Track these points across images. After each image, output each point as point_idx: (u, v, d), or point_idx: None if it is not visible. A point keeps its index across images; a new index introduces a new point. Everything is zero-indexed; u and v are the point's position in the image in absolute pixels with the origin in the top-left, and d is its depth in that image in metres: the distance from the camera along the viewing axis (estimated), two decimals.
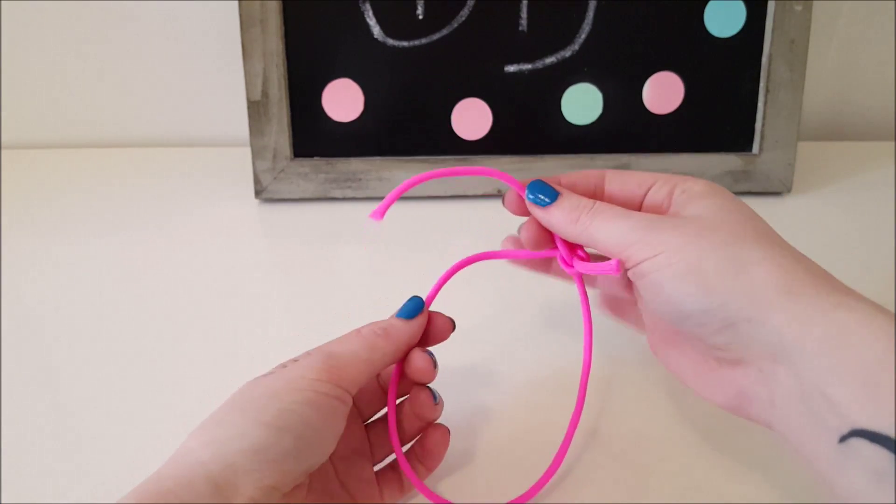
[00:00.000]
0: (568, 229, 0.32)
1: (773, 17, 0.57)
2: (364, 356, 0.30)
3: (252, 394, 0.28)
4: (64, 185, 0.62)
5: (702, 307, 0.28)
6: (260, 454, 0.26)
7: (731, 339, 0.28)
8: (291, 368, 0.29)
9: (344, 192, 0.59)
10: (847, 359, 0.24)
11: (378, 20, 0.56)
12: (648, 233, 0.30)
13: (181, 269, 0.52)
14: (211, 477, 0.25)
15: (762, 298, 0.27)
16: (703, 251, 0.28)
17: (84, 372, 0.42)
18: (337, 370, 0.29)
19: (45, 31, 0.65)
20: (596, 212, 0.32)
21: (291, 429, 0.27)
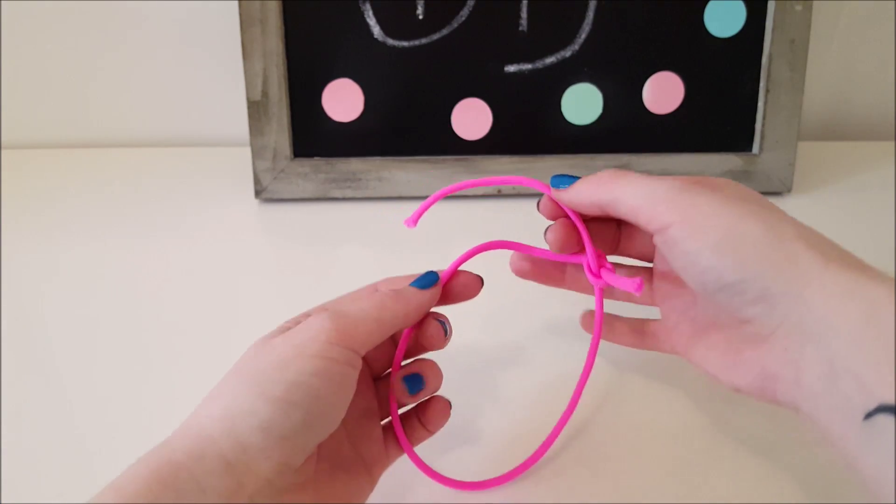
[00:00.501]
0: (591, 192, 0.31)
1: (773, 17, 0.57)
2: (374, 315, 0.29)
3: (260, 362, 0.27)
4: (64, 185, 0.62)
5: (739, 277, 0.28)
6: (270, 431, 0.26)
7: (764, 312, 0.28)
8: (301, 330, 0.28)
9: (344, 192, 0.59)
10: (879, 336, 0.24)
11: (378, 20, 0.56)
12: (678, 193, 0.29)
13: (181, 268, 0.52)
14: (222, 454, 0.25)
15: (801, 272, 0.26)
16: (741, 217, 0.28)
17: (84, 372, 0.42)
18: (347, 331, 0.28)
19: (45, 31, 0.65)
20: (618, 174, 0.31)
21: (301, 403, 0.26)
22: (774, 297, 0.27)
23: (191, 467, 0.25)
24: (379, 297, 0.30)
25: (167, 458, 0.25)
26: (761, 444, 0.37)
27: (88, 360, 0.43)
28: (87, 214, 0.58)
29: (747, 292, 0.28)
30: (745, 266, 0.27)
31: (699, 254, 0.28)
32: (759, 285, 0.27)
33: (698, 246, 0.28)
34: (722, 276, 0.28)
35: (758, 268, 0.27)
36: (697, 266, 0.29)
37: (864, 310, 0.25)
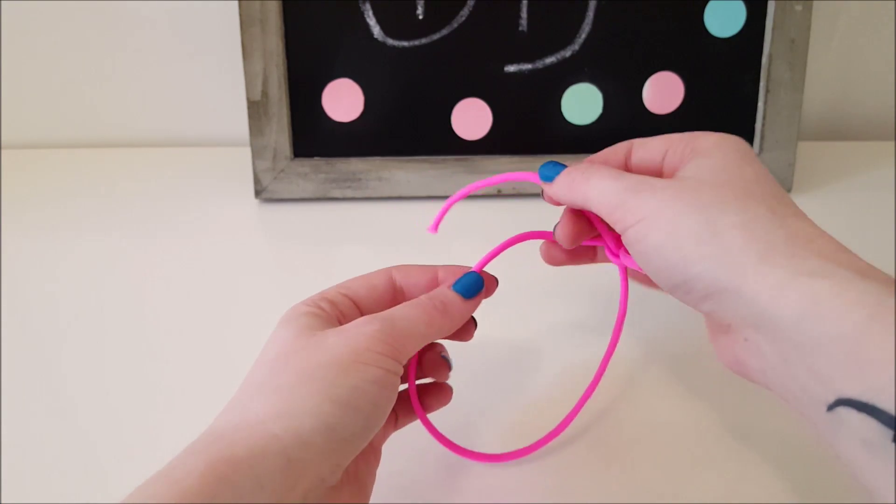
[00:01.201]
0: (567, 194, 0.31)
1: (773, 17, 0.57)
2: (422, 331, 0.30)
3: (316, 359, 0.27)
4: (64, 185, 0.62)
5: (682, 277, 0.27)
6: (334, 432, 0.26)
7: (714, 308, 0.27)
8: (353, 334, 0.28)
9: (344, 192, 0.59)
10: (824, 329, 0.24)
11: (378, 20, 0.56)
12: (631, 196, 0.29)
13: (181, 268, 0.52)
14: (285, 452, 0.25)
15: (735, 267, 0.26)
16: (678, 216, 0.27)
17: (84, 372, 0.42)
18: (399, 344, 0.28)
19: (45, 31, 0.65)
20: (589, 173, 0.31)
21: (362, 408, 0.27)
22: (718, 293, 0.27)
23: (251, 464, 0.24)
24: (429, 312, 0.30)
25: (226, 454, 0.25)
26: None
27: (89, 359, 0.43)
28: (87, 214, 0.58)
29: (693, 291, 0.28)
30: (687, 265, 0.27)
31: (647, 256, 0.28)
32: (700, 284, 0.27)
33: (645, 248, 0.28)
34: (670, 277, 0.28)
35: (698, 267, 0.27)
36: (650, 268, 0.29)
37: (806, 303, 0.24)
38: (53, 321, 0.46)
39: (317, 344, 0.28)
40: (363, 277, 0.33)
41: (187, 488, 0.23)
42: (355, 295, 0.32)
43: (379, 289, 0.33)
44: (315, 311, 0.30)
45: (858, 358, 0.23)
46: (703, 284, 0.27)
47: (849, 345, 0.23)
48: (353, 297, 0.32)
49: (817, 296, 0.24)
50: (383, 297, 0.33)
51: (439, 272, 0.33)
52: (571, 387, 0.40)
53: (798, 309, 0.24)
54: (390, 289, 0.33)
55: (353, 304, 0.32)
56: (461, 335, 0.34)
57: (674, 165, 0.32)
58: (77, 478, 0.36)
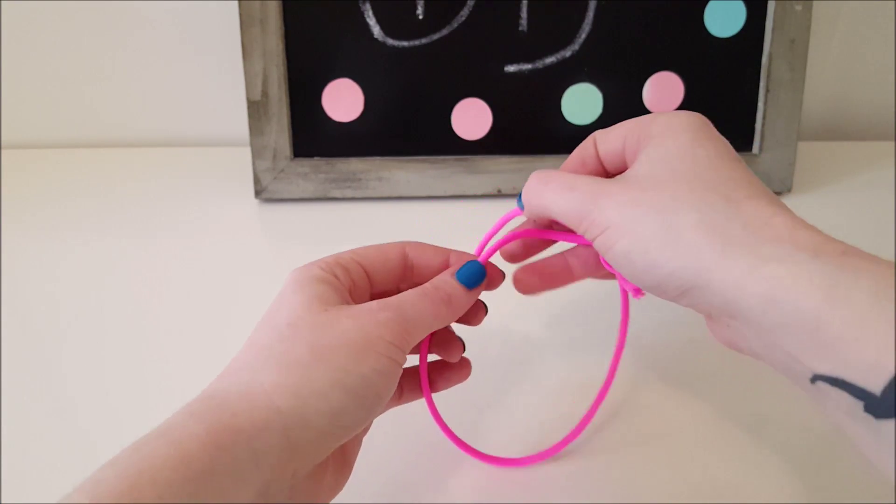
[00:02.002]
0: (532, 208, 0.32)
1: (773, 17, 0.57)
2: (428, 322, 0.30)
3: (329, 340, 0.27)
4: (64, 185, 0.62)
5: (654, 279, 0.28)
6: (337, 419, 0.26)
7: (692, 302, 0.28)
8: (368, 319, 0.28)
9: (344, 192, 0.59)
10: (787, 315, 0.24)
11: (378, 20, 0.56)
12: (591, 207, 0.29)
13: (181, 268, 0.52)
14: (287, 429, 0.25)
15: (699, 265, 0.26)
16: (638, 223, 0.28)
17: (84, 372, 0.42)
18: (407, 334, 0.29)
19: (45, 31, 0.65)
20: (544, 182, 0.31)
21: (368, 398, 0.27)
22: (690, 290, 0.27)
23: (251, 436, 0.25)
24: (436, 303, 0.30)
25: (228, 423, 0.25)
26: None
27: (89, 359, 0.43)
28: (87, 214, 0.58)
29: (668, 290, 0.28)
30: (656, 268, 0.27)
31: (618, 262, 0.29)
32: (673, 284, 0.27)
33: (614, 256, 0.29)
34: (643, 280, 0.29)
35: (666, 269, 0.27)
36: (624, 272, 0.29)
37: (765, 290, 0.25)
38: (53, 321, 0.46)
39: (330, 323, 0.28)
40: (377, 247, 0.33)
41: (186, 452, 0.23)
42: (369, 265, 0.32)
43: (392, 262, 0.33)
44: (329, 278, 0.30)
45: (821, 338, 0.23)
46: (675, 284, 0.27)
47: (811, 327, 0.24)
48: (366, 267, 0.32)
49: (776, 283, 0.25)
50: (394, 270, 0.33)
51: (451, 256, 0.33)
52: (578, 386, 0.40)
53: (761, 299, 0.25)
54: (402, 264, 0.33)
55: (365, 273, 0.32)
56: (470, 319, 0.34)
57: (633, 153, 0.32)
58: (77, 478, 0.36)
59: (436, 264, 0.33)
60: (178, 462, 0.23)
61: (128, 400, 0.40)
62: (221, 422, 0.25)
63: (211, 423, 0.24)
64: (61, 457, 0.37)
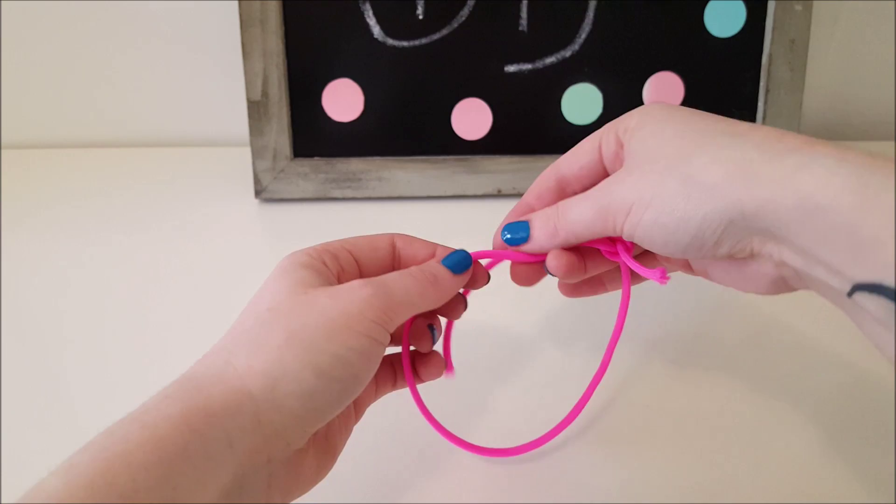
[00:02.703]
0: (554, 241, 0.32)
1: (773, 17, 0.57)
2: (414, 300, 0.29)
3: (306, 320, 0.27)
4: (64, 185, 0.62)
5: (689, 235, 0.28)
6: (310, 400, 0.26)
7: (733, 245, 0.28)
8: (346, 297, 0.28)
9: (344, 192, 0.59)
10: (821, 223, 0.25)
11: (378, 20, 0.56)
12: (608, 198, 0.30)
13: (181, 268, 0.52)
14: (258, 412, 0.25)
15: (728, 199, 0.27)
16: (656, 187, 0.28)
17: (84, 371, 0.42)
18: (391, 311, 0.28)
19: (45, 31, 0.65)
20: (561, 211, 0.32)
21: (341, 378, 0.27)
22: (728, 228, 0.28)
23: (224, 420, 0.25)
24: (421, 282, 0.30)
25: (202, 405, 0.25)
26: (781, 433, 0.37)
27: (88, 359, 0.43)
28: (88, 214, 0.58)
29: (705, 241, 0.28)
30: (688, 221, 0.28)
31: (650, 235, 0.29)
32: (708, 231, 0.28)
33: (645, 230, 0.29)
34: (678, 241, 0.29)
35: (698, 217, 0.28)
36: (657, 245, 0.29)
37: (798, 204, 0.25)
38: (53, 321, 0.46)
39: (308, 303, 0.27)
40: (367, 237, 0.33)
41: (160, 434, 0.23)
42: (358, 252, 0.32)
43: (380, 251, 0.33)
44: (315, 263, 0.30)
45: (858, 242, 0.24)
46: (711, 229, 0.28)
47: (847, 231, 0.24)
48: (355, 254, 0.32)
49: (809, 191, 0.25)
50: (384, 259, 0.33)
51: (438, 250, 0.33)
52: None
53: (798, 210, 0.25)
54: (390, 253, 0.33)
55: (354, 260, 0.32)
56: (451, 312, 0.34)
57: (614, 152, 0.32)
58: None
59: (422, 256, 0.33)
60: (152, 444, 0.23)
61: (128, 400, 0.40)
62: (195, 404, 0.25)
63: (185, 405, 0.24)
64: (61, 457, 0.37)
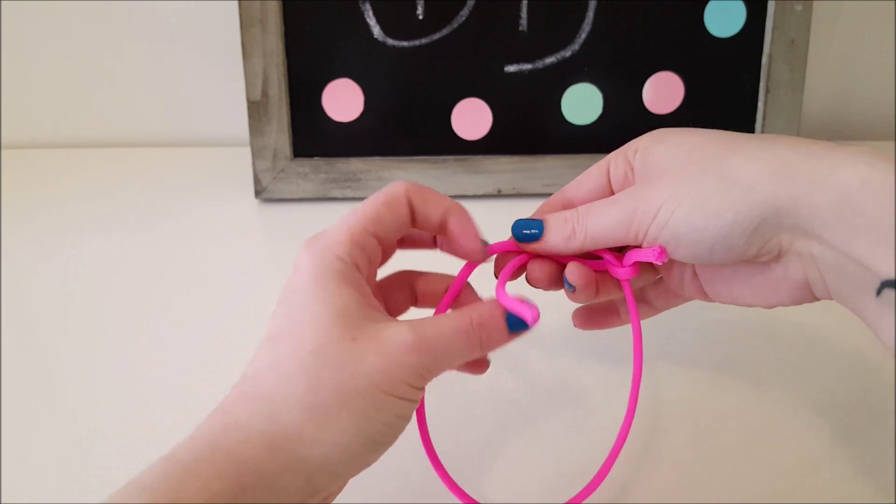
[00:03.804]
0: (570, 244, 0.32)
1: (773, 17, 0.57)
2: (455, 361, 0.28)
3: (355, 384, 0.26)
4: (64, 185, 0.62)
5: (721, 233, 0.28)
6: (356, 463, 0.27)
7: (762, 243, 0.28)
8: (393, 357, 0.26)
9: (344, 192, 0.59)
10: (858, 220, 0.25)
11: (378, 20, 0.56)
12: (637, 200, 0.30)
13: (181, 268, 0.51)
14: (306, 474, 0.26)
15: (763, 197, 0.27)
16: (692, 185, 0.29)
17: (84, 372, 0.42)
18: (430, 374, 0.27)
19: (45, 31, 0.65)
20: (583, 214, 0.32)
21: (386, 443, 0.27)
22: (761, 226, 0.28)
23: (274, 480, 0.25)
24: (471, 343, 0.28)
25: (254, 466, 0.25)
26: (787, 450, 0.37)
27: (88, 359, 0.43)
28: (87, 214, 0.58)
29: (735, 240, 0.28)
30: (720, 220, 0.28)
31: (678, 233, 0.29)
32: (739, 229, 0.28)
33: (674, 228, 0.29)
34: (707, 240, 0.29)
35: (731, 214, 0.28)
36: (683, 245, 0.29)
37: (836, 199, 0.26)
38: (53, 321, 0.46)
39: (356, 358, 0.26)
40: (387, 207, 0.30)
41: (215, 493, 0.24)
42: (382, 231, 0.30)
43: (402, 218, 0.30)
44: (352, 273, 0.28)
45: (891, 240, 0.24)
46: (742, 227, 0.28)
47: (881, 230, 0.25)
48: (379, 235, 0.30)
49: (846, 190, 0.25)
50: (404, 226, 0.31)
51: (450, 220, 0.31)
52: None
53: (835, 206, 0.26)
54: (410, 215, 0.31)
55: (378, 243, 0.30)
56: (476, 368, 0.33)
57: (623, 175, 0.33)
58: (77, 478, 0.36)
59: (435, 219, 0.31)
60: (207, 499, 0.24)
61: (128, 399, 0.40)
62: (247, 463, 0.25)
63: (237, 462, 0.25)
64: (61, 457, 0.37)
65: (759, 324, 0.45)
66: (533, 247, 0.33)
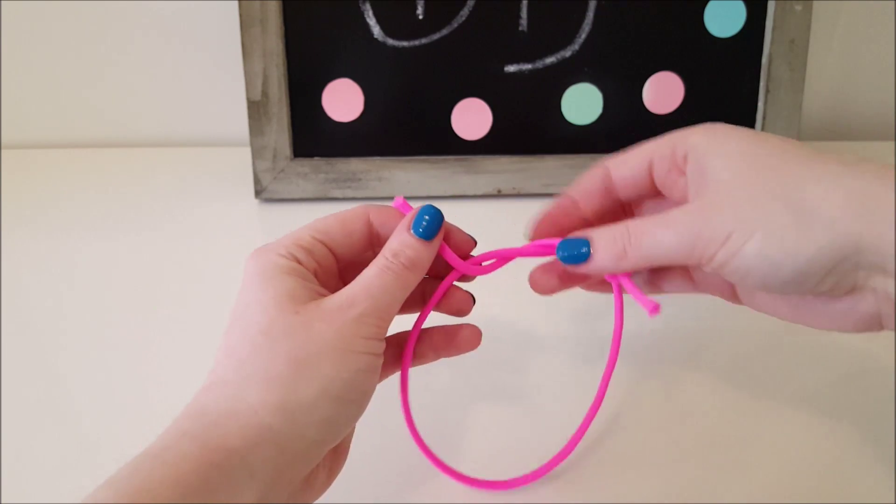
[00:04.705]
0: (621, 265, 0.30)
1: (773, 17, 0.57)
2: (399, 297, 0.29)
3: (308, 349, 0.27)
4: (64, 185, 0.62)
5: (797, 270, 0.27)
6: (329, 425, 0.27)
7: (837, 281, 0.27)
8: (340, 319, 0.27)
9: (344, 192, 0.59)
10: None
11: (378, 20, 0.56)
12: (700, 223, 0.28)
13: (181, 269, 0.51)
14: (279, 443, 0.26)
15: (847, 234, 0.26)
16: (765, 214, 0.27)
17: (84, 372, 0.42)
18: (383, 322, 0.28)
19: (45, 31, 0.65)
20: (635, 232, 0.30)
21: (354, 399, 0.28)
22: (840, 263, 0.27)
23: (244, 453, 0.25)
24: (401, 274, 0.29)
25: (221, 443, 0.25)
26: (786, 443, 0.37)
27: (89, 359, 0.43)
28: (87, 214, 0.58)
29: (809, 276, 0.27)
30: (798, 256, 0.27)
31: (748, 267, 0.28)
32: (818, 265, 0.27)
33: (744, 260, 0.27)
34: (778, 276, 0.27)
35: (810, 250, 0.26)
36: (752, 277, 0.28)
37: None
38: (53, 321, 0.46)
39: (304, 327, 0.27)
40: (339, 220, 0.31)
41: (182, 472, 0.24)
42: (331, 241, 0.31)
43: (355, 234, 0.31)
44: (293, 265, 0.29)
45: None
46: (822, 263, 0.27)
47: None
48: (329, 244, 0.31)
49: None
50: (359, 242, 0.31)
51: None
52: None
53: None
54: (367, 233, 0.31)
55: (329, 251, 0.31)
56: (460, 308, 0.33)
57: (666, 171, 0.31)
58: (77, 478, 0.36)
59: None
60: (174, 481, 0.24)
61: (128, 399, 0.40)
62: (214, 442, 0.25)
63: (203, 443, 0.25)
64: (61, 457, 0.37)
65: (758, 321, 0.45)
66: (582, 269, 0.31)
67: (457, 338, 0.33)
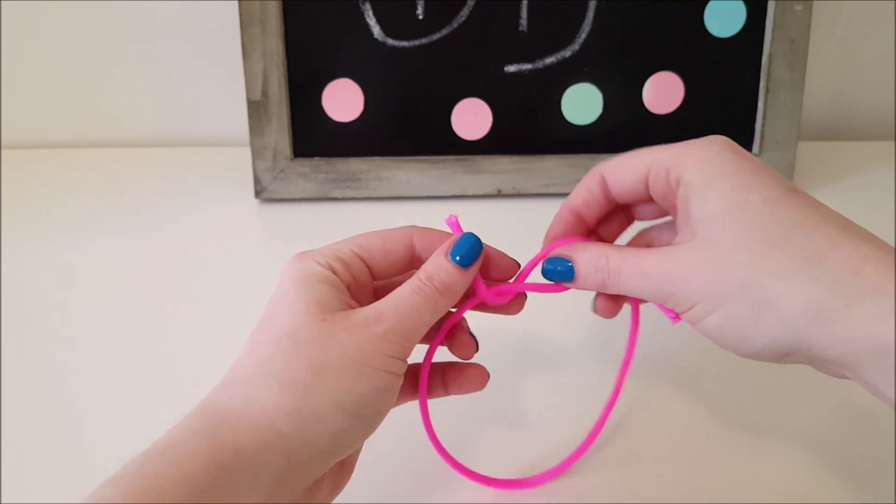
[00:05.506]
0: (604, 290, 0.31)
1: (773, 17, 0.57)
2: (426, 320, 0.29)
3: (329, 358, 0.27)
4: (64, 185, 0.62)
5: (751, 352, 0.28)
6: (338, 438, 0.27)
7: (793, 362, 0.28)
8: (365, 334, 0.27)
9: (344, 192, 0.59)
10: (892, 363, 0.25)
11: (378, 20, 0.56)
12: (671, 290, 0.29)
13: (181, 269, 0.52)
14: (286, 451, 0.26)
15: (797, 335, 0.27)
16: (727, 299, 0.28)
17: (84, 372, 0.42)
18: (407, 342, 0.28)
19: (45, 31, 0.65)
20: (614, 269, 0.31)
21: (367, 416, 0.28)
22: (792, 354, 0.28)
23: (252, 456, 0.25)
24: (432, 298, 0.29)
25: (230, 443, 0.25)
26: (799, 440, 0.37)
27: (88, 359, 0.43)
28: (87, 214, 0.58)
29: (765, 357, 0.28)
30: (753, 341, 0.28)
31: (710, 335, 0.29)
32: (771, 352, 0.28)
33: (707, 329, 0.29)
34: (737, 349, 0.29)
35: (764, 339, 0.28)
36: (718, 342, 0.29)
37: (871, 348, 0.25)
38: (53, 321, 0.46)
39: (328, 337, 0.27)
40: (382, 238, 0.31)
41: (189, 471, 0.24)
42: (370, 258, 0.31)
43: (396, 253, 0.31)
44: (328, 275, 0.29)
45: None
46: (774, 351, 0.28)
47: None
48: (368, 261, 0.31)
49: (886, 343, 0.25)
50: (399, 262, 0.31)
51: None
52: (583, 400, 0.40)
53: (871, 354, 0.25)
54: (408, 254, 0.31)
55: (367, 267, 0.31)
56: (510, 309, 0.33)
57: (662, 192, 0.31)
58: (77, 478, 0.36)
59: None
60: (182, 481, 0.24)
61: (128, 399, 0.40)
62: (222, 441, 0.25)
63: (212, 441, 0.25)
64: (61, 457, 0.37)
65: None
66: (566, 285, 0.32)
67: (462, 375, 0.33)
